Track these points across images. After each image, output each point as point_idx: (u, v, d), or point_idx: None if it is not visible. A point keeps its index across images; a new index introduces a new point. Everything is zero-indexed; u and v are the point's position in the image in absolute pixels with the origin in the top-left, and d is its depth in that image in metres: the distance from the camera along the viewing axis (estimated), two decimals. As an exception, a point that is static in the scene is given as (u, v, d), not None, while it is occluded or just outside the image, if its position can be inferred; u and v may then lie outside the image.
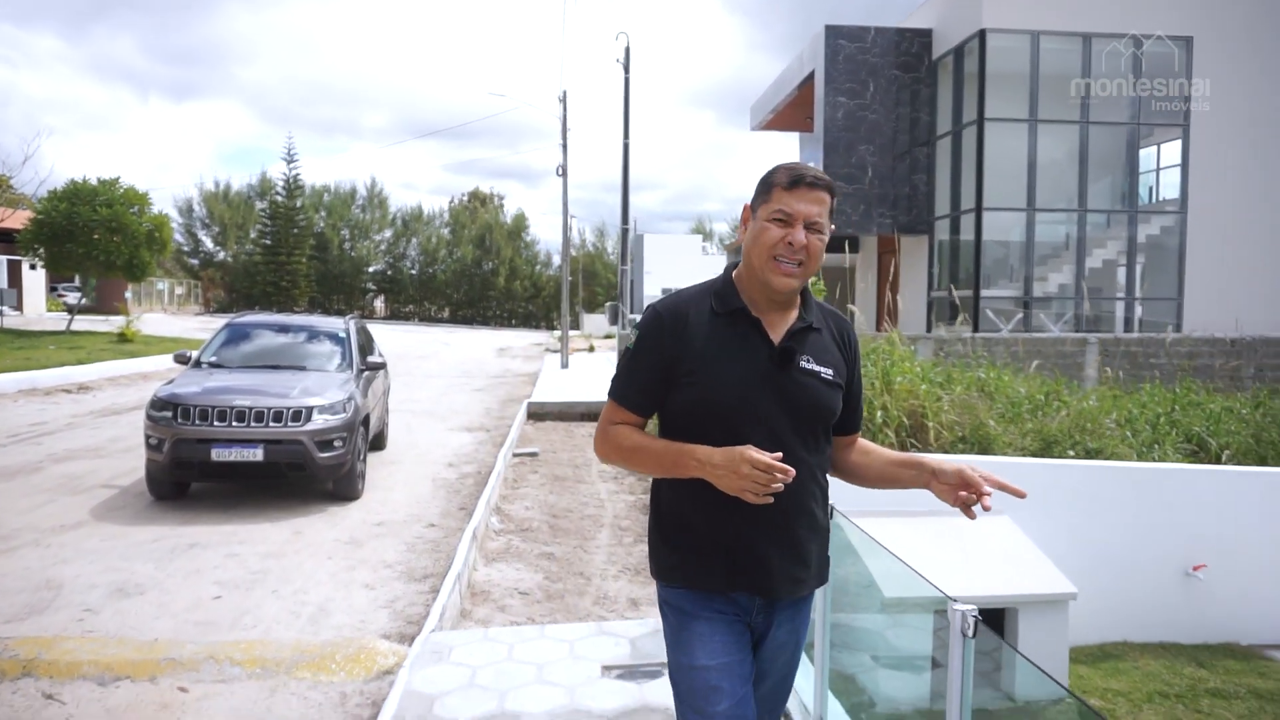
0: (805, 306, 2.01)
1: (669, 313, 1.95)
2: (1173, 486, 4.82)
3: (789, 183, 1.91)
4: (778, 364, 1.90)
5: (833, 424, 2.01)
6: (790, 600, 1.98)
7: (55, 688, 3.90)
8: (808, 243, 1.89)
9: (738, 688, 1.89)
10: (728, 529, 1.88)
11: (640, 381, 1.96)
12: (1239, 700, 3.75)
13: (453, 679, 3.65)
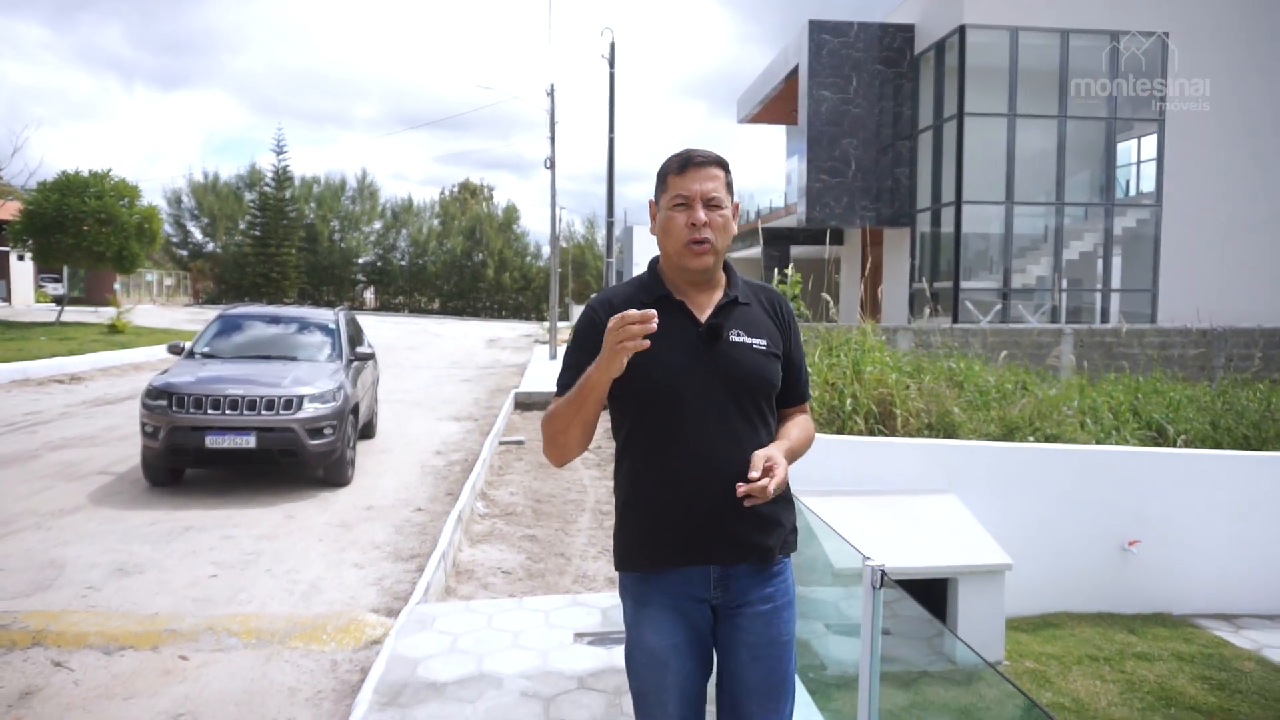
0: (730, 284, 2.05)
1: (602, 306, 2.02)
2: (1109, 468, 5.14)
3: (679, 167, 1.98)
4: (707, 340, 1.95)
5: (774, 395, 2.04)
6: (752, 568, 1.98)
7: (63, 656, 4.16)
8: (709, 219, 1.94)
9: (684, 662, 1.95)
10: (671, 501, 1.93)
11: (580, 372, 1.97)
12: (1161, 662, 4.07)
13: (435, 645, 3.94)
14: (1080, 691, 3.73)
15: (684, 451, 1.93)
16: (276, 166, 44.32)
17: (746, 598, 1.98)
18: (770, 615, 2.00)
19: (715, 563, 1.95)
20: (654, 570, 1.97)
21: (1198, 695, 3.76)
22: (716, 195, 1.96)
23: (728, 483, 1.88)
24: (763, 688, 1.99)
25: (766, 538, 1.97)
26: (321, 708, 3.74)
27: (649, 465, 1.96)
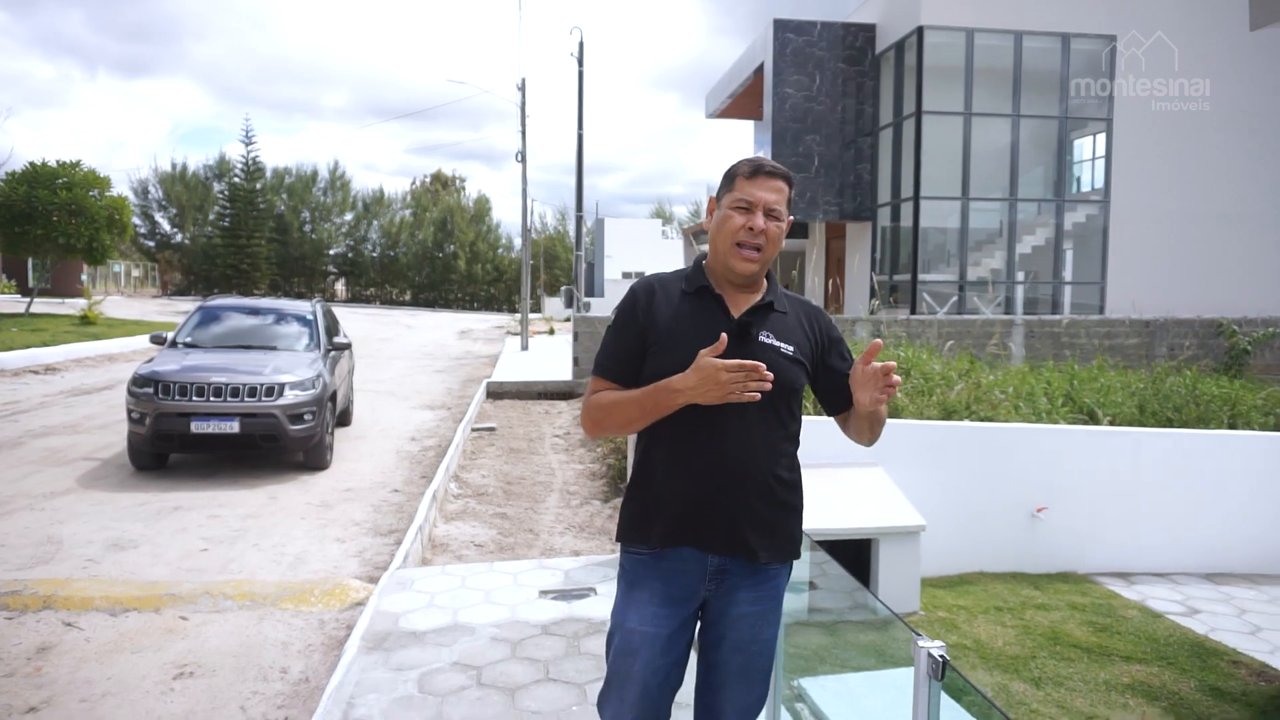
0: (770, 290, 2.13)
1: (643, 290, 2.11)
2: (1021, 443, 5.70)
3: (750, 172, 2.04)
4: (737, 337, 1.99)
5: (799, 399, 2.12)
6: (748, 569, 2.04)
7: (73, 618, 4.56)
8: (766, 228, 2.01)
9: (655, 657, 2.00)
10: (676, 481, 2.00)
11: (618, 354, 2.08)
12: (1056, 611, 4.61)
13: (415, 602, 4.39)
14: (981, 635, 4.27)
15: (702, 440, 1.98)
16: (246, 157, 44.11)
17: (737, 598, 2.04)
18: (757, 617, 2.07)
19: (715, 551, 2.00)
20: (657, 546, 2.02)
21: (1082, 636, 4.32)
22: (778, 208, 2.03)
23: (740, 475, 1.97)
24: (740, 675, 2.09)
25: (760, 535, 2.01)
26: (312, 658, 4.18)
27: (667, 449, 2.01)
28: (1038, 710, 3.45)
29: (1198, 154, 18.47)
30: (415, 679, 3.57)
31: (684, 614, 2.03)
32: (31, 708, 3.63)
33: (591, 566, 5.00)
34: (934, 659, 1.67)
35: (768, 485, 2.02)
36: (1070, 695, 3.61)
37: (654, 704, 2.02)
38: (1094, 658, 4.01)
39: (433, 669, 3.66)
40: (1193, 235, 18.51)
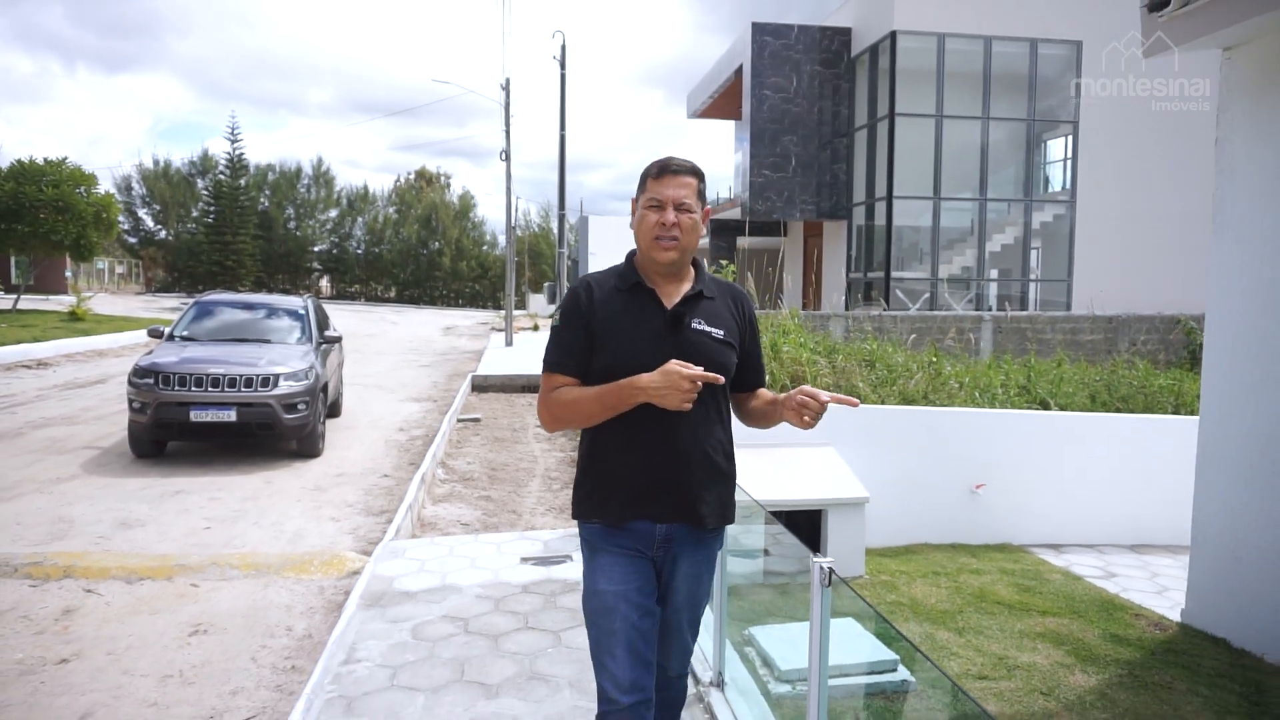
0: (699, 278, 2.28)
1: (584, 288, 2.26)
2: (961, 425, 6.20)
3: (658, 173, 2.22)
4: (670, 326, 2.18)
5: (730, 378, 2.26)
6: (691, 534, 2.22)
7: (92, 585, 4.98)
8: (678, 220, 2.17)
9: (632, 611, 2.17)
10: (630, 463, 2.17)
11: (568, 348, 2.22)
12: (987, 575, 5.11)
13: (407, 567, 4.84)
14: (917, 594, 4.75)
15: (643, 422, 2.12)
16: (231, 154, 44.11)
17: (680, 564, 2.24)
18: (696, 578, 2.30)
19: (661, 520, 2.18)
20: (614, 522, 2.20)
21: (1007, 595, 4.81)
22: (687, 201, 2.19)
23: (679, 452, 2.15)
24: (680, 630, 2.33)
25: (708, 505, 2.20)
26: (314, 618, 4.62)
27: (612, 431, 2.17)
28: (957, 653, 3.94)
29: (1161, 155, 19.11)
30: (410, 629, 4.02)
31: (644, 568, 2.21)
32: (63, 659, 4.05)
33: (568, 537, 5.46)
34: (823, 570, 2.13)
35: (709, 459, 2.20)
36: (987, 641, 4.10)
37: (640, 654, 2.17)
38: (1014, 612, 4.51)
39: (425, 621, 4.12)
40: (1156, 234, 19.15)
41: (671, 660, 2.36)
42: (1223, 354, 4.27)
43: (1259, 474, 4.01)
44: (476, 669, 3.62)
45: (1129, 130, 18.85)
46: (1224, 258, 4.32)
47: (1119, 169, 19.01)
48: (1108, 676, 3.70)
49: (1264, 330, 4.02)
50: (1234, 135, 4.29)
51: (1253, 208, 4.14)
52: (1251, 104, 4.14)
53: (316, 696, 3.38)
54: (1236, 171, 4.27)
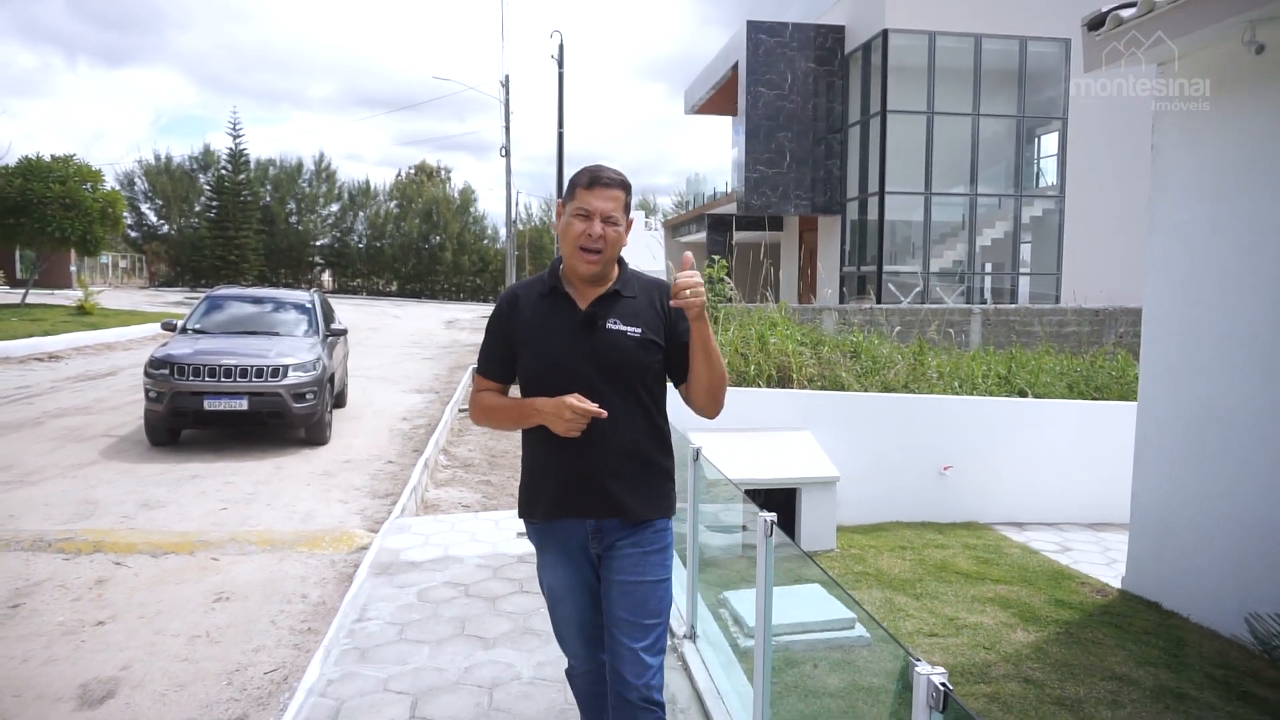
0: (619, 279, 2.31)
1: (507, 298, 2.37)
2: (930, 411, 6.58)
3: (588, 183, 2.23)
4: (584, 327, 2.22)
5: (651, 374, 2.27)
6: (623, 528, 2.25)
7: (121, 559, 5.38)
8: (604, 233, 2.20)
9: (577, 602, 2.32)
10: (555, 465, 2.23)
11: (493, 355, 2.35)
12: (950, 549, 5.50)
13: (412, 541, 5.24)
14: (883, 566, 5.14)
15: None
16: (233, 149, 44.42)
17: (618, 548, 2.26)
18: (638, 558, 2.26)
19: (589, 516, 2.24)
20: (542, 520, 2.29)
21: (966, 566, 5.20)
22: (614, 214, 2.21)
23: (603, 447, 2.19)
24: (630, 620, 2.24)
25: (634, 497, 2.23)
26: (327, 587, 5.02)
27: (539, 433, 2.25)
28: (912, 615, 4.33)
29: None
30: (415, 593, 4.42)
31: (583, 564, 2.30)
32: (100, 621, 4.45)
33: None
34: (766, 523, 2.53)
35: (630, 452, 2.22)
36: (941, 605, 4.49)
37: (588, 636, 2.36)
38: (970, 581, 4.90)
39: (429, 586, 4.52)
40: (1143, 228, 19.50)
41: (625, 666, 2.25)
42: (1157, 344, 4.66)
43: (1186, 454, 4.39)
44: (476, 625, 4.02)
45: (1117, 126, 19.19)
46: (1157, 255, 4.70)
47: (1108, 164, 19.36)
48: (1046, 634, 4.10)
49: (1190, 321, 4.40)
50: (1165, 144, 4.66)
51: (1181, 209, 4.52)
52: (1182, 115, 4.52)
53: (334, 647, 3.78)
54: (1168, 176, 4.65)
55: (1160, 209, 4.73)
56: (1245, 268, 4.08)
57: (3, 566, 5.15)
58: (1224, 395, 4.19)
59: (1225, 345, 4.18)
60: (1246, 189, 4.15)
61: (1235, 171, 4.18)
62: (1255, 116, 4.13)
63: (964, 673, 3.61)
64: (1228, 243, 4.18)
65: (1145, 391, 4.82)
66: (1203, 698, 3.46)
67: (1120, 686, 3.53)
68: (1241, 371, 4.10)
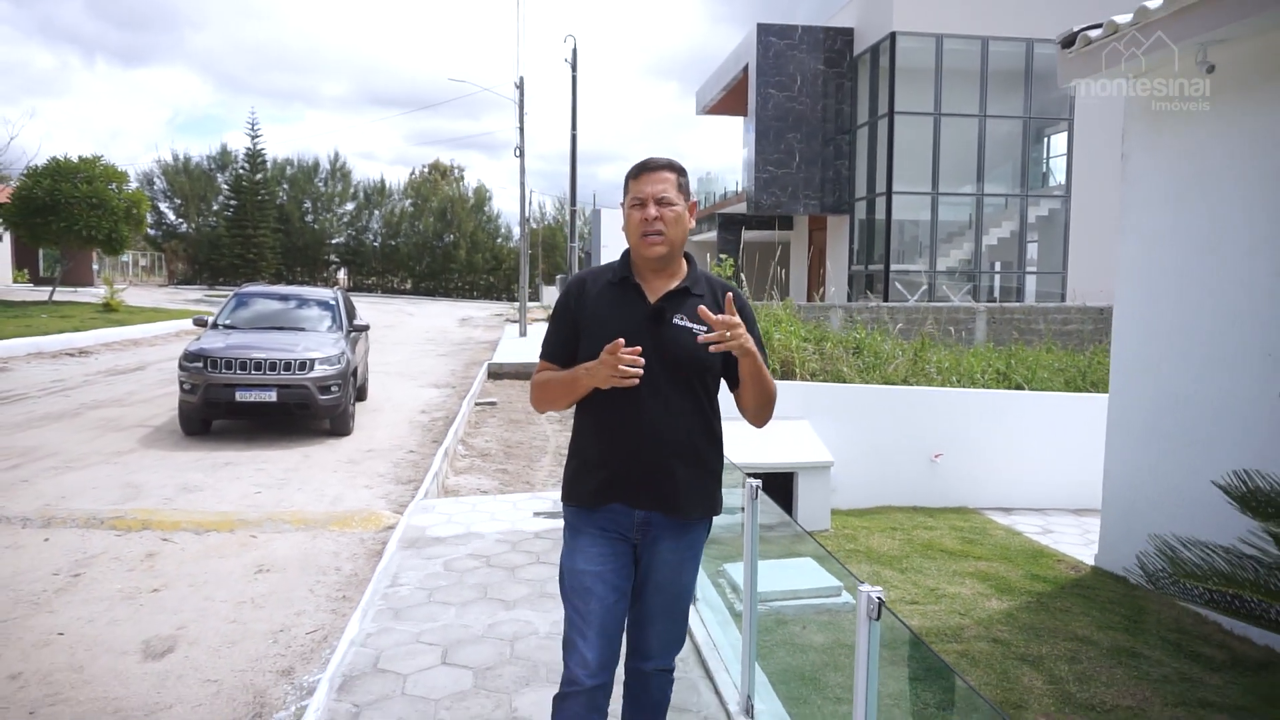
0: (689, 275, 2.35)
1: (575, 284, 2.42)
2: (922, 402, 6.95)
3: (636, 173, 2.32)
4: (652, 320, 2.26)
5: (713, 376, 2.32)
6: (670, 523, 2.28)
7: (167, 535, 5.82)
8: (661, 214, 2.25)
9: (608, 592, 2.26)
10: (608, 450, 2.27)
11: (556, 341, 2.38)
12: (938, 530, 5.85)
13: (436, 519, 5.66)
14: (873, 544, 5.50)
15: (626, 412, 2.21)
16: (251, 149, 45.12)
17: (660, 548, 2.29)
18: (677, 564, 2.33)
19: (641, 506, 2.25)
20: (590, 505, 2.29)
21: (951, 545, 5.56)
22: (667, 195, 2.26)
23: (657, 440, 2.22)
24: (663, 613, 2.35)
25: (685, 495, 2.26)
26: (358, 561, 5.44)
27: (596, 420, 2.30)
28: (896, 586, 4.70)
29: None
30: (441, 563, 4.84)
31: (622, 552, 2.29)
32: (154, 589, 4.89)
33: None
34: (751, 488, 2.92)
35: (684, 449, 2.24)
36: (924, 578, 4.87)
37: (609, 636, 2.28)
38: (953, 558, 5.26)
39: (454, 558, 4.93)
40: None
41: (651, 646, 2.38)
42: (1125, 337, 5.01)
43: (1150, 438, 4.74)
44: (497, 590, 4.43)
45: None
46: (1127, 255, 5.06)
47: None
48: (1018, 603, 4.46)
49: (1153, 317, 4.75)
50: (1134, 151, 5.01)
51: (1148, 213, 4.87)
52: (1148, 126, 4.87)
53: (370, 608, 4.20)
54: (1136, 182, 5.00)
55: (1128, 214, 5.09)
56: (1201, 269, 4.44)
57: (62, 541, 5.61)
58: (1182, 384, 4.55)
59: (1183, 339, 4.54)
60: (1202, 197, 4.50)
61: (1191, 181, 4.54)
62: (1207, 131, 4.49)
63: (938, 634, 3.99)
64: (1186, 246, 4.53)
65: (1115, 382, 5.18)
66: (1153, 655, 3.82)
67: (1080, 646, 3.90)
68: (1198, 363, 4.45)
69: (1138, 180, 5.00)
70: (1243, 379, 4.17)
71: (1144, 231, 4.90)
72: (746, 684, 3.12)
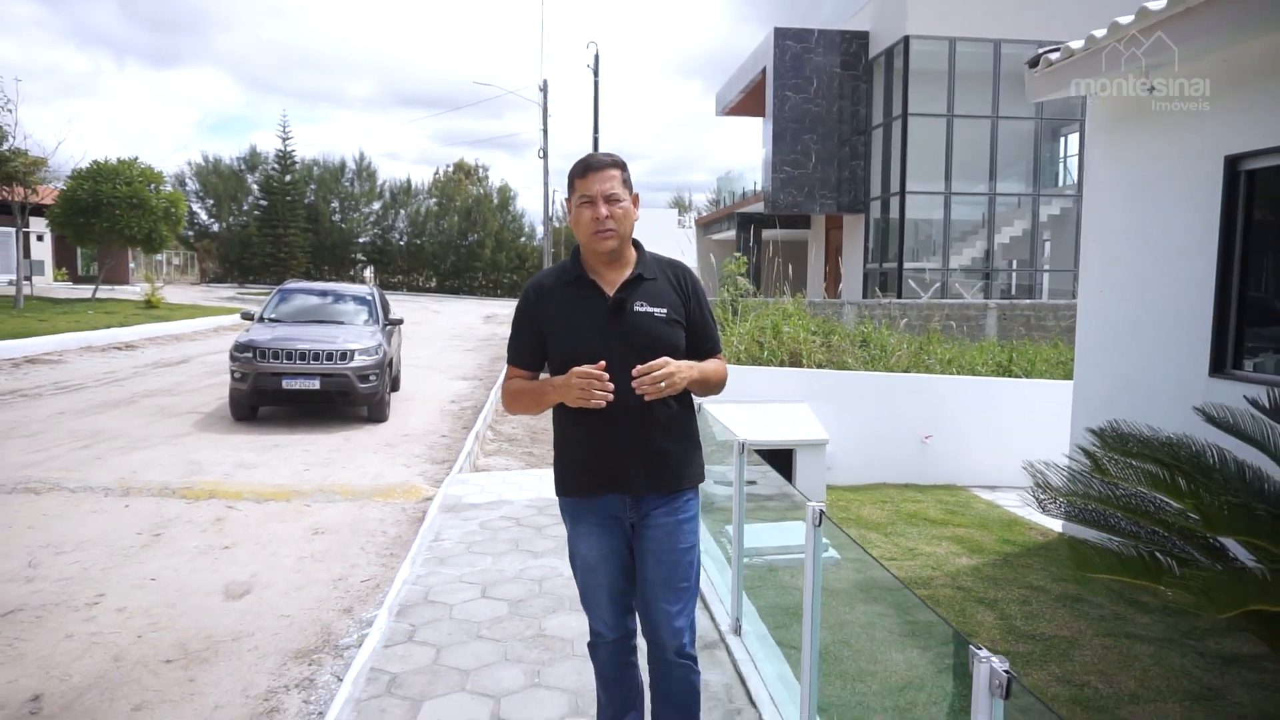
0: (640, 261, 2.41)
1: (533, 288, 2.45)
2: (913, 387, 7.51)
3: (581, 172, 2.35)
4: (613, 312, 2.31)
5: (680, 352, 2.35)
6: (659, 495, 2.37)
7: (231, 504, 6.52)
8: (610, 211, 2.30)
9: (613, 568, 2.41)
10: (590, 443, 2.33)
11: (522, 344, 2.43)
12: (925, 503, 6.42)
13: (471, 489, 6.32)
14: (864, 513, 6.09)
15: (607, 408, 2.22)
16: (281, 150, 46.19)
17: (652, 518, 2.38)
18: (672, 527, 2.39)
19: (629, 492, 2.35)
20: (582, 497, 2.40)
21: (935, 516, 6.13)
22: (614, 191, 2.31)
23: (636, 427, 2.30)
24: (665, 585, 2.39)
25: (670, 472, 2.37)
26: (402, 526, 6.11)
27: (575, 415, 2.34)
28: (879, 546, 5.30)
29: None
30: (478, 523, 5.50)
31: (619, 534, 2.41)
32: (226, 546, 5.58)
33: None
34: (740, 444, 3.53)
35: (665, 429, 2.35)
36: (905, 541, 5.45)
37: (621, 602, 2.46)
38: (935, 525, 5.84)
39: (487, 520, 5.59)
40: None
41: (661, 630, 2.42)
42: (1086, 328, 5.55)
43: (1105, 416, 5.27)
44: (527, 544, 5.08)
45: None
46: (1088, 254, 5.60)
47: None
48: (985, 560, 5.03)
49: (1110, 309, 5.29)
50: (1094, 160, 5.56)
51: (1106, 216, 5.40)
52: (1108, 136, 5.41)
53: (418, 557, 4.86)
54: (1096, 188, 5.54)
55: (1089, 217, 5.64)
56: (1149, 266, 4.97)
57: (140, 507, 6.32)
58: (1132, 368, 5.09)
59: (1133, 329, 5.08)
60: (1150, 202, 5.05)
61: (1141, 187, 5.09)
62: (1154, 143, 5.04)
63: (909, 582, 4.58)
64: (1136, 246, 5.07)
65: (1078, 368, 5.73)
66: (1096, 601, 4.39)
67: (1032, 593, 4.47)
68: (1146, 349, 4.99)
69: (1097, 186, 5.55)
70: (1180, 363, 4.72)
71: (1102, 232, 5.45)
72: (735, 609, 3.74)
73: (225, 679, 3.74)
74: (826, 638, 3.93)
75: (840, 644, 3.48)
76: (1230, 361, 4.40)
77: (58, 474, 7.14)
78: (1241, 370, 4.39)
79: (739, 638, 3.71)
